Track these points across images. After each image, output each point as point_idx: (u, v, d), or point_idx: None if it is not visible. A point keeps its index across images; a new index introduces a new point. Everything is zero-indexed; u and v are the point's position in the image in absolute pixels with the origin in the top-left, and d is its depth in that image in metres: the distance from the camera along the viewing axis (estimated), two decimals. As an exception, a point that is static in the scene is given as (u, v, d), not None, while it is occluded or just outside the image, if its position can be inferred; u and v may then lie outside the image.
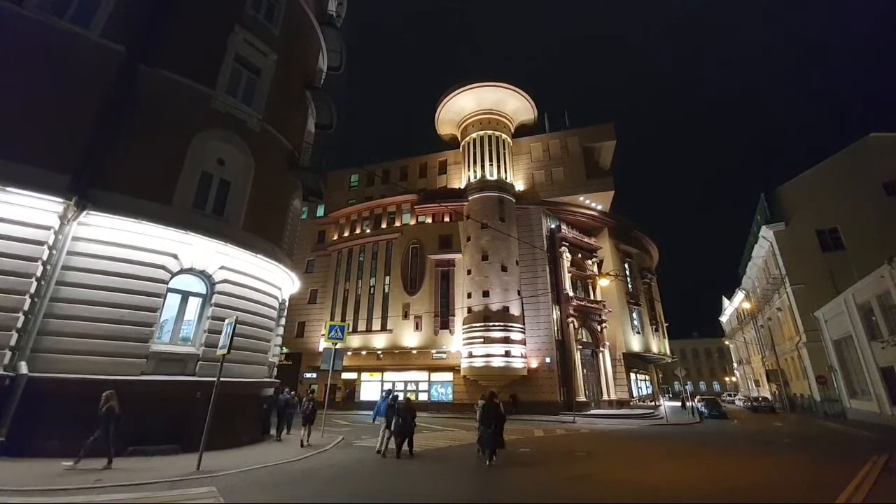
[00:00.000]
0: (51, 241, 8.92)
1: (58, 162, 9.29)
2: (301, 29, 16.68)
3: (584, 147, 36.56)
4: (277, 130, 14.17)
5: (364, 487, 7.57)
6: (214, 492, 6.54)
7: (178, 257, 10.62)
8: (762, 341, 39.96)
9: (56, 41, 10.00)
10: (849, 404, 22.61)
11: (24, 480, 6.39)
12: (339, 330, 15.40)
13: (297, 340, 34.58)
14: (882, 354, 17.95)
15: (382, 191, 39.08)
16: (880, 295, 17.68)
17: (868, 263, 18.91)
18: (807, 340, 26.87)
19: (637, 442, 15.13)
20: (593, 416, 25.79)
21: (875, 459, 9.85)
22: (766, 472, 9.20)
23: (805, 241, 27.57)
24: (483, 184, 33.12)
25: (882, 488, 7.25)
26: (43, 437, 8.13)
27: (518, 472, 9.09)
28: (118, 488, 6.50)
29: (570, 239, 33.85)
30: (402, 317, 32.13)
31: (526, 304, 30.27)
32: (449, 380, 30.13)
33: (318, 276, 37.40)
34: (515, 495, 7.24)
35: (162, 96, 11.27)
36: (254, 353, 12.42)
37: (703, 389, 77.61)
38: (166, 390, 9.81)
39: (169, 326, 10.74)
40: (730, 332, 62.34)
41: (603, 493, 7.25)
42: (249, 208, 12.66)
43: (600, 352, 32.47)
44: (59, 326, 8.91)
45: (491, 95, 34.78)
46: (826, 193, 27.49)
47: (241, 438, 11.13)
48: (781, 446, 13.62)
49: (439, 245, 33.20)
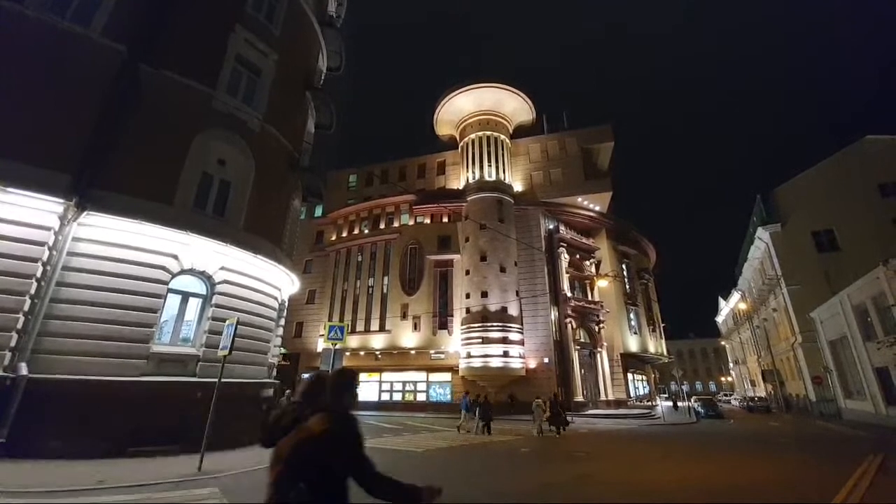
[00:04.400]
0: (51, 241, 8.89)
1: (58, 162, 9.26)
2: (301, 29, 16.67)
3: (583, 148, 36.69)
4: (278, 131, 14.16)
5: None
6: (217, 493, 6.55)
7: (179, 258, 10.60)
8: (758, 342, 40.20)
9: (56, 40, 9.95)
10: (844, 404, 22.81)
11: (26, 481, 6.37)
12: (338, 330, 15.37)
13: (295, 341, 34.49)
14: (877, 355, 18.12)
15: (381, 191, 39.03)
16: (875, 296, 17.86)
17: (863, 264, 19.10)
18: (802, 341, 27.08)
19: (635, 442, 15.22)
20: (591, 416, 25.91)
21: (871, 459, 9.95)
22: (762, 472, 9.28)
23: (801, 242, 27.80)
24: (482, 184, 33.16)
25: (878, 488, 7.33)
26: (44, 438, 8.09)
27: (518, 473, 9.14)
28: (120, 489, 6.49)
29: (569, 240, 33.94)
30: (400, 317, 32.12)
31: (524, 304, 30.34)
32: (447, 380, 30.14)
33: (316, 277, 37.33)
34: (516, 496, 7.28)
35: (163, 96, 11.25)
36: (254, 354, 12.41)
37: (699, 389, 78.01)
38: (167, 391, 9.78)
39: (169, 327, 10.71)
40: (726, 332, 62.67)
41: (605, 493, 7.30)
42: (250, 209, 12.66)
43: (598, 352, 32.59)
44: (60, 327, 8.87)
45: (489, 96, 34.84)
46: (822, 195, 27.72)
47: (241, 439, 11.09)
48: (778, 446, 13.73)
49: (438, 245, 33.22)
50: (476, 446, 13.30)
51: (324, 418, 2.11)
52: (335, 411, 2.19)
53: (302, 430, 2.10)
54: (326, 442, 2.04)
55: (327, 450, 2.05)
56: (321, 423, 2.08)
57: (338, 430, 2.09)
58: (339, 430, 2.10)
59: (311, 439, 2.05)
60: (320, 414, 2.15)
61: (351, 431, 2.15)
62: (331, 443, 2.05)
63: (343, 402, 2.28)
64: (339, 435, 2.09)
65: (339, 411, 2.21)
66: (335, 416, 2.15)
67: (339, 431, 2.09)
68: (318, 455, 2.03)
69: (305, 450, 2.03)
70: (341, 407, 2.25)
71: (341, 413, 2.20)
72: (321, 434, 2.05)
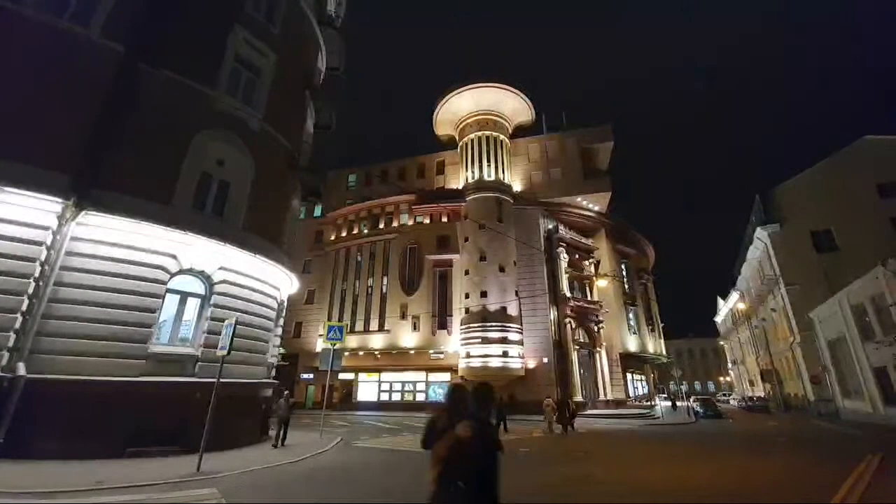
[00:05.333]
0: (49, 241, 8.86)
1: (56, 161, 9.23)
2: (301, 29, 16.65)
3: (582, 148, 36.71)
4: (277, 131, 14.14)
5: (365, 488, 7.59)
6: (216, 493, 6.54)
7: (178, 258, 10.58)
8: (756, 341, 40.26)
9: (55, 40, 9.93)
10: (842, 404, 22.85)
11: (24, 482, 6.35)
12: (337, 330, 15.42)
13: (294, 341, 34.45)
14: (875, 355, 18.16)
15: (381, 191, 39.00)
16: (874, 296, 17.89)
17: (862, 265, 19.10)
18: (801, 341, 27.13)
19: (635, 442, 15.23)
20: (590, 417, 25.91)
21: (869, 459, 9.96)
22: (761, 472, 9.29)
23: (799, 242, 27.82)
24: (481, 184, 33.14)
25: (877, 488, 7.34)
26: (42, 439, 8.09)
27: (518, 473, 9.13)
28: (119, 490, 6.48)
29: (568, 240, 33.94)
30: (399, 317, 32.11)
31: (523, 304, 30.33)
32: (447, 380, 30.09)
33: (315, 277, 37.28)
34: (517, 496, 7.27)
35: (162, 96, 11.22)
36: (253, 354, 12.39)
37: (698, 389, 78.04)
38: (165, 391, 9.77)
39: (168, 327, 10.69)
40: (724, 332, 62.72)
41: (606, 494, 7.30)
42: (249, 209, 12.64)
43: (597, 352, 32.61)
44: (58, 327, 8.85)
45: (489, 96, 34.81)
46: (821, 195, 27.74)
47: (240, 439, 11.10)
48: (776, 446, 13.75)
49: (437, 245, 33.22)
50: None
51: (469, 425, 2.47)
52: (478, 419, 2.57)
53: (451, 436, 2.48)
54: (472, 446, 2.41)
55: (473, 452, 2.42)
56: (467, 430, 2.44)
57: (480, 435, 2.46)
58: (482, 435, 2.48)
59: (459, 443, 2.43)
60: (466, 421, 2.50)
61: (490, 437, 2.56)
62: (475, 447, 2.42)
63: (484, 411, 2.71)
64: (481, 439, 2.46)
65: (480, 419, 2.59)
66: (478, 423, 2.52)
67: (481, 436, 2.47)
68: (466, 457, 2.40)
69: (455, 452, 2.42)
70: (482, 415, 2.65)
71: (482, 420, 2.59)
72: (467, 439, 2.42)
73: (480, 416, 2.60)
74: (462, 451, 2.38)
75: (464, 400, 2.77)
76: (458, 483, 2.32)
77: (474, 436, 2.41)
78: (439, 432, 2.60)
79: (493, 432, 2.58)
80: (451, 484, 2.33)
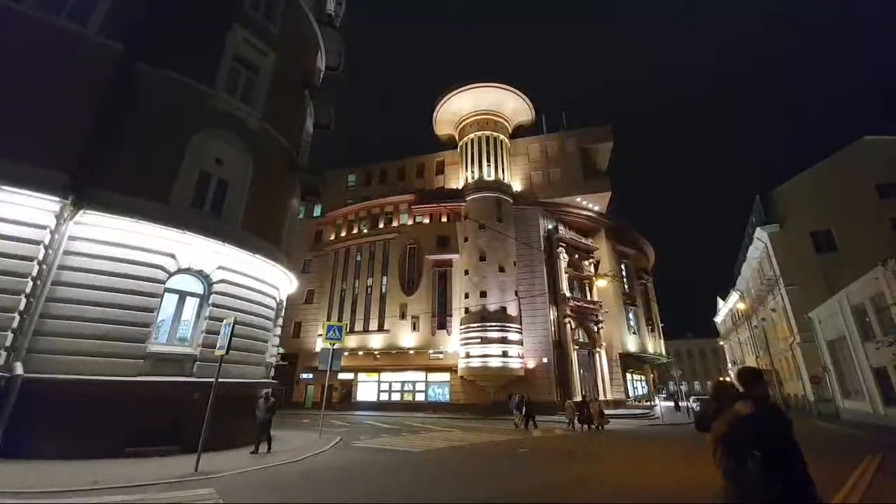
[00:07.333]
0: (47, 240, 8.83)
1: (54, 160, 9.19)
2: (300, 28, 16.61)
3: (582, 148, 36.72)
4: (276, 130, 14.10)
5: (364, 488, 7.56)
6: (214, 493, 6.51)
7: (176, 257, 10.54)
8: (756, 342, 40.21)
9: (53, 39, 9.89)
10: (842, 404, 22.82)
11: (21, 482, 6.32)
12: (336, 330, 15.39)
13: (293, 341, 34.44)
14: (875, 355, 18.12)
15: (380, 191, 39.02)
16: (874, 296, 17.86)
17: (862, 265, 19.07)
18: (800, 341, 27.11)
19: (635, 442, 15.21)
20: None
21: (869, 459, 9.93)
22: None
23: (799, 242, 27.79)
24: (481, 184, 33.14)
25: (877, 489, 7.32)
26: (39, 439, 8.05)
27: (519, 474, 9.11)
28: (116, 490, 6.45)
29: (568, 240, 33.94)
30: (399, 317, 32.08)
31: (523, 304, 30.32)
32: (446, 380, 30.12)
33: (314, 276, 37.26)
34: (517, 497, 7.25)
35: (160, 95, 11.18)
36: (251, 354, 12.36)
37: (697, 389, 78.02)
38: (163, 391, 9.74)
39: (166, 327, 10.66)
40: (724, 332, 62.68)
41: (607, 495, 7.26)
42: (247, 208, 12.59)
43: (597, 352, 32.60)
44: (56, 327, 8.82)
45: (489, 96, 34.83)
46: (820, 195, 27.71)
47: (239, 439, 11.06)
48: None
49: (437, 245, 33.20)
50: (476, 446, 13.25)
51: (747, 403, 2.64)
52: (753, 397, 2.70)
53: (732, 412, 2.66)
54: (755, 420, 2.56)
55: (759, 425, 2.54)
56: (746, 407, 2.62)
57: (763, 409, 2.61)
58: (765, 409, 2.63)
59: (740, 419, 2.60)
60: (744, 400, 2.68)
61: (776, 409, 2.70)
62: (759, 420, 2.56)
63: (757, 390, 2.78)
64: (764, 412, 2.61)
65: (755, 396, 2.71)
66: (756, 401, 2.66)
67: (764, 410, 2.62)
68: (748, 432, 2.53)
69: (737, 428, 2.59)
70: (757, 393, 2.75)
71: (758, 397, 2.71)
72: (748, 415, 2.58)
73: (754, 395, 2.71)
74: (746, 426, 2.53)
75: (726, 388, 3.04)
76: (755, 452, 2.41)
77: (756, 410, 2.56)
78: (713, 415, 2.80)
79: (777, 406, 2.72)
80: (747, 455, 2.43)
